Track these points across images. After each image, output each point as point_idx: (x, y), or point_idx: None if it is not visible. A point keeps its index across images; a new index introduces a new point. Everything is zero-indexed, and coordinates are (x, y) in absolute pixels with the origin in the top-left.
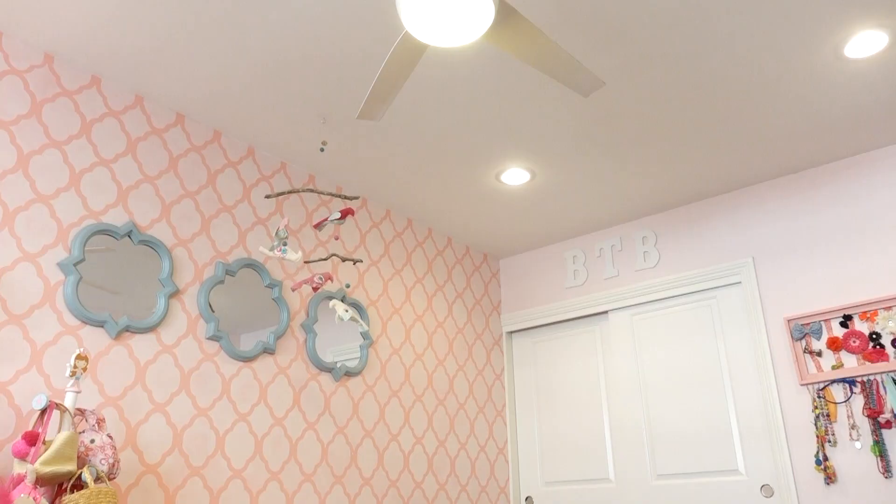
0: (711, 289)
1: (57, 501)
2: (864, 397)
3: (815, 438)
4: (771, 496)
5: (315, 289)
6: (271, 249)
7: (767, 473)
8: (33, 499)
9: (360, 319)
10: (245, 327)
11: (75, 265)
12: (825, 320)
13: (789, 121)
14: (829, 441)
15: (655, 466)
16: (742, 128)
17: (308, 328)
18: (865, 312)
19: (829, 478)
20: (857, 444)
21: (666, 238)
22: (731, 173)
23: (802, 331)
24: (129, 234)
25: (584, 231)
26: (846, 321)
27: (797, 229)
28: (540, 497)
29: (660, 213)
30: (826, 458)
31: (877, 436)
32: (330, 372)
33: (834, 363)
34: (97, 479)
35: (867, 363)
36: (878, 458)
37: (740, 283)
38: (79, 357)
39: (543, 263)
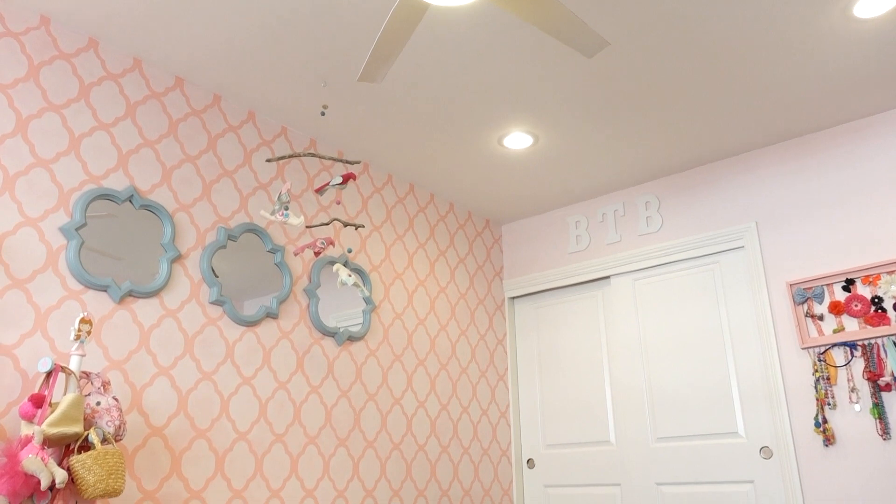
0: (714, 253)
1: (64, 462)
2: (865, 360)
3: (815, 401)
4: (770, 458)
5: (317, 253)
6: (272, 213)
7: (767, 436)
8: (41, 459)
9: (361, 285)
10: (248, 294)
11: (77, 230)
12: (827, 284)
13: (795, 83)
14: (829, 404)
15: (656, 429)
16: (747, 91)
17: (311, 293)
18: (868, 276)
19: (828, 440)
20: (857, 407)
21: (669, 203)
22: (735, 137)
23: (804, 295)
24: (130, 199)
25: (587, 196)
26: (848, 285)
27: (801, 193)
28: (541, 459)
29: (663, 178)
30: (825, 421)
31: (876, 398)
32: (333, 336)
33: (835, 327)
34: (104, 440)
35: (868, 327)
36: (877, 421)
37: (743, 247)
38: (83, 321)
39: (546, 229)
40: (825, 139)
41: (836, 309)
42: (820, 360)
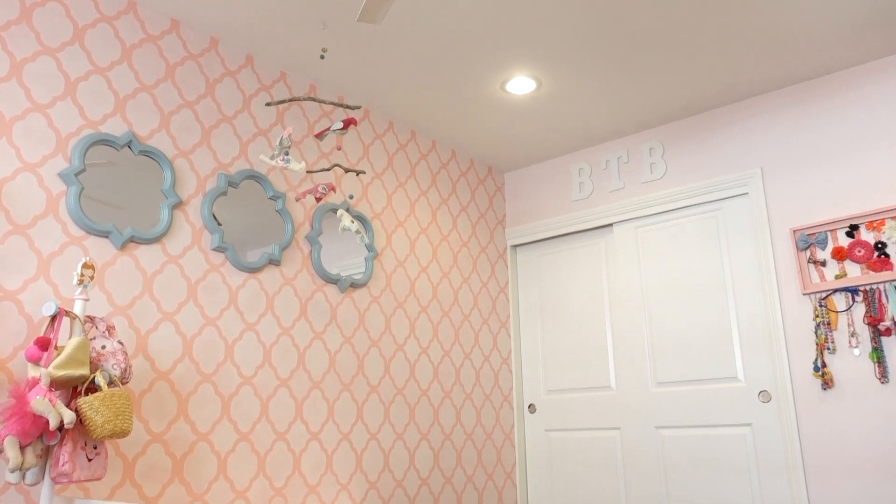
0: (718, 200)
1: (72, 404)
2: (866, 305)
3: (815, 346)
4: (768, 401)
5: (318, 199)
6: (272, 158)
7: (766, 380)
8: (49, 400)
9: (363, 232)
10: (251, 243)
11: (76, 175)
12: (831, 230)
13: (801, 26)
14: (829, 348)
15: (656, 374)
16: (753, 34)
17: (313, 240)
18: (872, 222)
19: (827, 383)
20: (856, 351)
21: (673, 149)
22: (740, 82)
23: (807, 241)
24: (128, 145)
25: (591, 143)
26: (852, 231)
27: (807, 139)
28: (542, 405)
29: (668, 124)
30: (824, 365)
31: (876, 343)
32: (335, 283)
33: (837, 273)
34: (110, 383)
35: (871, 272)
36: (876, 364)
37: (747, 194)
38: (85, 265)
39: (548, 176)
40: (832, 84)
41: (839, 255)
42: (821, 306)
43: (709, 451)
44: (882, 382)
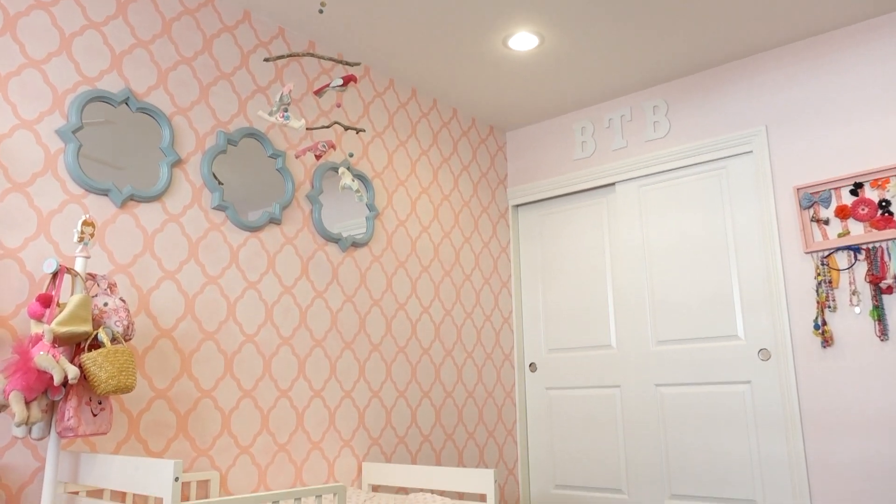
0: (722, 158)
1: (75, 360)
2: (868, 264)
3: (816, 304)
4: (768, 359)
5: (318, 157)
6: (271, 114)
7: (766, 338)
8: (52, 356)
9: (363, 191)
10: (252, 203)
11: (74, 132)
12: (835, 188)
13: None
14: (829, 307)
15: (656, 332)
16: None
17: (313, 199)
18: (877, 180)
19: (826, 341)
20: (857, 310)
21: (677, 107)
22: (746, 38)
23: (811, 199)
24: (126, 102)
25: (594, 101)
26: (856, 189)
27: (812, 96)
28: (543, 363)
29: (672, 81)
30: (825, 323)
31: (877, 301)
32: (337, 243)
33: (840, 231)
34: (113, 339)
35: (874, 230)
36: (876, 322)
37: (751, 152)
38: (85, 223)
39: (551, 135)
40: (838, 40)
41: (843, 213)
42: (823, 264)
43: (708, 409)
44: (882, 340)
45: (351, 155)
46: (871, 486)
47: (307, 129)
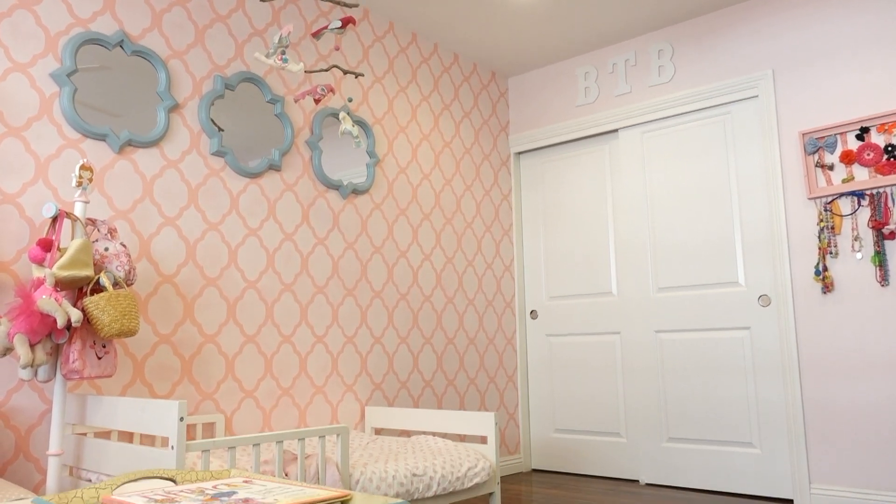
0: (727, 103)
1: (78, 304)
2: (871, 209)
3: (817, 250)
4: (768, 305)
5: (317, 101)
6: (268, 56)
7: (766, 284)
8: (55, 300)
9: (362, 137)
10: (251, 149)
11: (68, 76)
12: (841, 133)
13: None
14: (831, 253)
15: (657, 280)
16: None
17: (313, 145)
18: (884, 125)
19: (827, 287)
20: (858, 255)
21: (683, 51)
22: None
23: (816, 144)
24: (120, 45)
25: (597, 45)
26: (863, 133)
27: (820, 38)
28: (544, 310)
29: (678, 24)
30: (826, 269)
31: (878, 246)
32: (337, 189)
33: (845, 177)
34: (115, 284)
35: (879, 176)
36: (877, 268)
37: (757, 96)
38: (83, 167)
39: (554, 81)
40: None
41: (848, 158)
42: (826, 210)
43: (707, 354)
44: (882, 286)
45: (350, 100)
46: (865, 429)
47: (306, 72)
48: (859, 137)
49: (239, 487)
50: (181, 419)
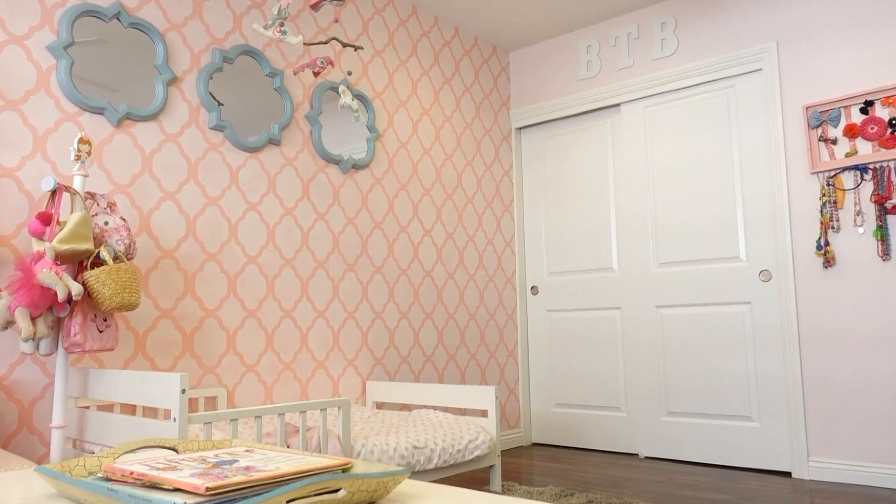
0: (730, 77)
1: (78, 278)
2: (874, 183)
3: (819, 225)
4: (769, 280)
5: (316, 73)
6: (267, 27)
7: (768, 259)
8: (55, 273)
9: (361, 111)
10: (250, 124)
11: (65, 48)
12: (845, 107)
13: None
14: (833, 227)
15: (658, 255)
16: None
17: (313, 119)
18: (888, 98)
19: (828, 261)
20: (860, 230)
21: (686, 23)
22: None
23: (820, 118)
24: (117, 17)
25: (600, 18)
26: (867, 107)
27: (825, 11)
28: (545, 286)
29: None
30: (827, 244)
31: (881, 220)
32: (337, 164)
33: (848, 151)
34: (115, 258)
35: (882, 150)
36: (879, 242)
37: (761, 70)
38: (81, 141)
39: (555, 55)
40: None
41: (852, 132)
42: (829, 185)
43: (707, 329)
44: (884, 260)
45: (350, 73)
46: (864, 403)
47: (305, 44)
48: (863, 111)
49: (240, 456)
50: (183, 391)
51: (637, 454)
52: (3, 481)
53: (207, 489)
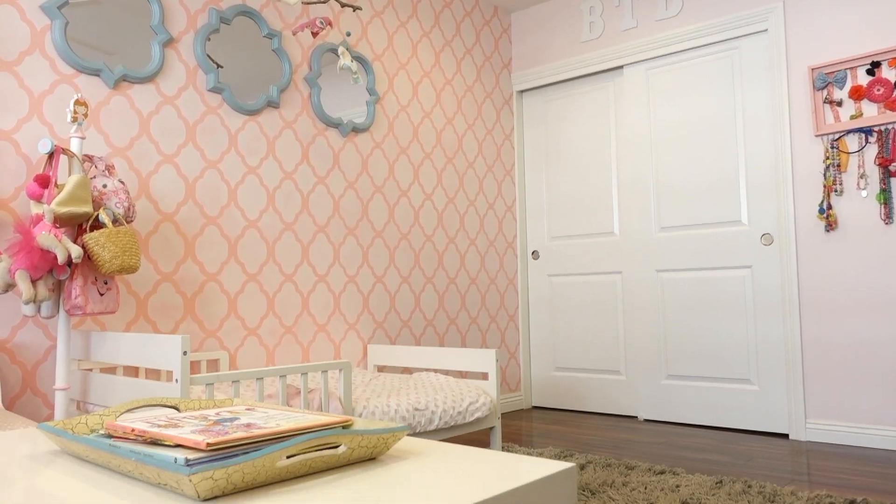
0: (735, 38)
1: (78, 241)
2: (879, 146)
3: (822, 188)
4: (770, 244)
5: (315, 34)
6: None
7: (769, 223)
8: (54, 236)
9: (360, 73)
10: (249, 86)
11: (59, 8)
12: (851, 68)
13: None
14: (836, 191)
15: (660, 219)
16: None
17: (312, 82)
18: (895, 59)
19: (830, 225)
20: (864, 193)
21: None
22: None
23: (825, 80)
24: None
25: None
26: (873, 68)
27: None
28: (546, 251)
29: None
30: (830, 207)
31: (885, 184)
32: (337, 128)
33: (853, 113)
34: (115, 221)
35: (888, 112)
36: (882, 206)
37: (766, 30)
38: (77, 102)
39: (558, 16)
40: None
41: (857, 94)
42: (833, 148)
43: (708, 293)
44: (886, 223)
45: (349, 34)
46: (863, 365)
47: (303, 3)
48: (870, 72)
49: (241, 414)
50: (185, 353)
51: (636, 417)
52: (8, 439)
53: (208, 445)
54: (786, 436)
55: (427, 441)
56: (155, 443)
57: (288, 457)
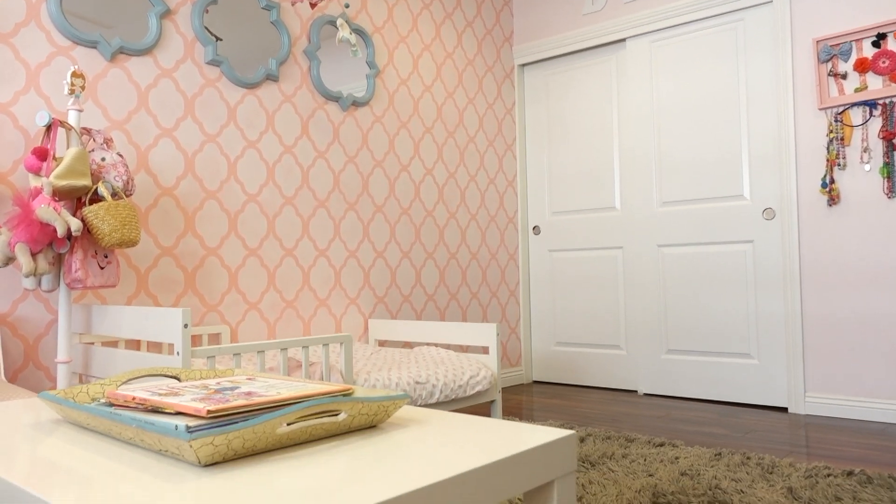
0: (740, 10)
1: (77, 214)
2: (883, 119)
3: (825, 162)
4: (772, 218)
5: (313, 5)
6: None
7: (772, 198)
8: (53, 209)
9: (359, 46)
10: (248, 60)
11: None
12: (856, 40)
13: None
14: (839, 164)
15: (661, 194)
16: None
17: (311, 55)
18: None
19: (833, 199)
20: (867, 167)
21: None
22: None
23: (830, 52)
24: None
25: None
26: (879, 40)
27: None
28: (547, 226)
29: None
30: (832, 181)
31: (888, 157)
32: (337, 101)
33: (858, 86)
34: (114, 194)
35: (893, 84)
36: (885, 180)
37: (771, 1)
38: (74, 74)
39: None
40: None
41: (862, 66)
42: (836, 121)
43: (709, 268)
44: (889, 197)
45: (347, 6)
46: (863, 340)
47: None
48: (875, 44)
49: (242, 383)
50: (185, 326)
51: (636, 391)
52: (12, 408)
53: (209, 412)
54: (785, 409)
55: (428, 409)
56: (156, 410)
57: (288, 424)
